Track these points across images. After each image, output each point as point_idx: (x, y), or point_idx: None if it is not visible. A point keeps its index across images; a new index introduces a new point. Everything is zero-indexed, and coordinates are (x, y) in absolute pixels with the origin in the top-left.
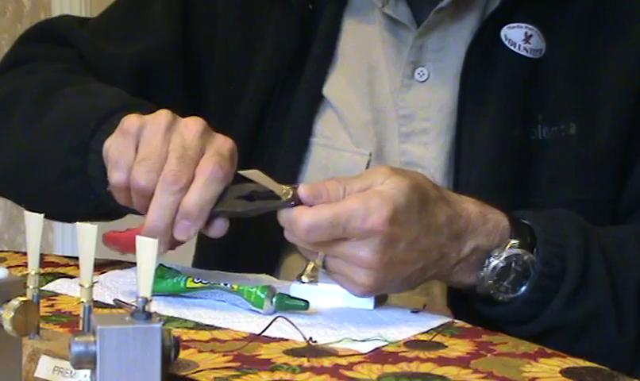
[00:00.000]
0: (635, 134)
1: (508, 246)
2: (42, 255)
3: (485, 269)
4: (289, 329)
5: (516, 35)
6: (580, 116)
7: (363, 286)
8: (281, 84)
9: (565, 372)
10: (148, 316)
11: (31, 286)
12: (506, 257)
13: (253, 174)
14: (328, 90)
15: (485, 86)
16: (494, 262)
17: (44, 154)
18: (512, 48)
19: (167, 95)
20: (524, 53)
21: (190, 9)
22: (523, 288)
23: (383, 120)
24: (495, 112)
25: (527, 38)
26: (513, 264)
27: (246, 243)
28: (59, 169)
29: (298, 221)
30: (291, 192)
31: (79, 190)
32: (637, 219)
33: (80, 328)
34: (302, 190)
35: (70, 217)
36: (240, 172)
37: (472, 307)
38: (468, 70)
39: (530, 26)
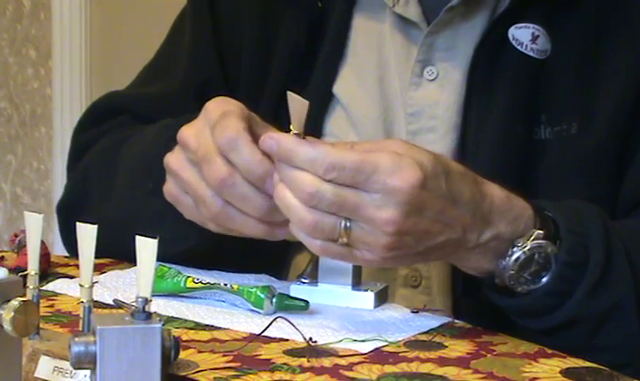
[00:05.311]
0: (632, 132)
1: (533, 236)
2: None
3: (508, 258)
4: (289, 329)
5: (523, 35)
6: (582, 116)
7: (380, 257)
8: (292, 83)
9: (565, 372)
10: (148, 316)
11: (31, 287)
12: (530, 248)
13: (296, 104)
14: (338, 87)
15: (492, 86)
16: (517, 252)
17: (131, 214)
18: (519, 48)
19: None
20: (530, 53)
21: (217, 23)
22: (544, 279)
23: (392, 117)
24: (501, 111)
25: (534, 38)
26: (536, 256)
27: (254, 241)
28: (150, 217)
29: (323, 155)
30: (303, 136)
31: (178, 230)
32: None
33: (80, 328)
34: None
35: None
36: (290, 94)
37: (472, 306)
38: (475, 69)
39: (536, 26)
